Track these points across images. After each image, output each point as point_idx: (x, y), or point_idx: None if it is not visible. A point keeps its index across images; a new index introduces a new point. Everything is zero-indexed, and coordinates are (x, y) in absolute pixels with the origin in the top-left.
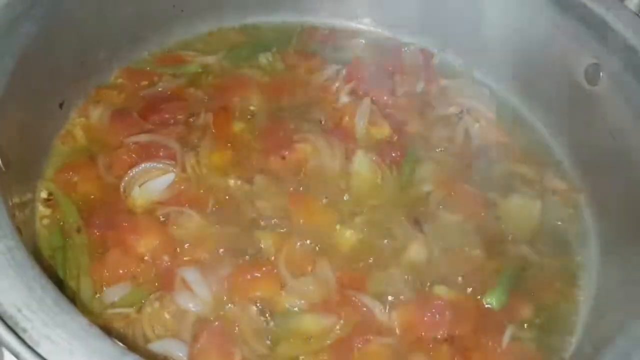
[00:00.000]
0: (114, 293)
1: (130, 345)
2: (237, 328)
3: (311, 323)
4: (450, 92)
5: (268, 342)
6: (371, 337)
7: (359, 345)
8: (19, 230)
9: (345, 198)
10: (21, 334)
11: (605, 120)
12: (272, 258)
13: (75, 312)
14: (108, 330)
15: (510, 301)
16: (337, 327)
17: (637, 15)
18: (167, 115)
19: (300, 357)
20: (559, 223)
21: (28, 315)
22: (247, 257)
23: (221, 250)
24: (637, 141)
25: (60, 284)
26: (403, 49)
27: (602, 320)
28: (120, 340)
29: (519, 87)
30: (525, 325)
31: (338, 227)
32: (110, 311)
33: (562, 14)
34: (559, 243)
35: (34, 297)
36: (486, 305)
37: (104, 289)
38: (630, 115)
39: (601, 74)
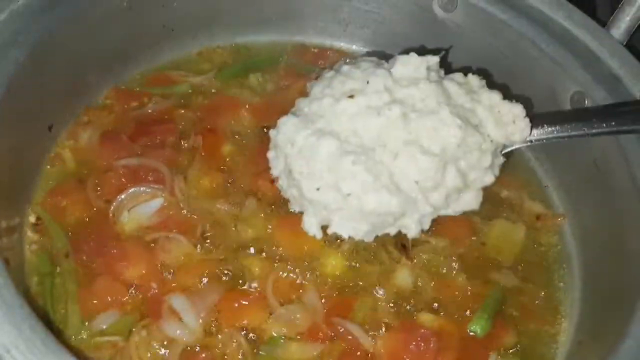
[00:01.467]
0: (102, 321)
1: None
2: (224, 357)
3: (298, 352)
4: None
5: None
6: None
7: None
8: (6, 261)
9: None
10: None
11: (590, 147)
12: (260, 285)
13: (63, 352)
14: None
15: (493, 328)
16: (324, 355)
17: (622, 44)
18: (156, 138)
19: None
20: (542, 248)
21: (16, 356)
22: (235, 284)
23: (209, 277)
24: (620, 168)
25: (47, 314)
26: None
27: (582, 348)
28: None
29: None
30: (508, 352)
31: (325, 252)
32: (98, 339)
33: (547, 41)
34: (541, 269)
35: (22, 338)
36: (470, 333)
37: (92, 317)
38: (614, 144)
39: (586, 101)
